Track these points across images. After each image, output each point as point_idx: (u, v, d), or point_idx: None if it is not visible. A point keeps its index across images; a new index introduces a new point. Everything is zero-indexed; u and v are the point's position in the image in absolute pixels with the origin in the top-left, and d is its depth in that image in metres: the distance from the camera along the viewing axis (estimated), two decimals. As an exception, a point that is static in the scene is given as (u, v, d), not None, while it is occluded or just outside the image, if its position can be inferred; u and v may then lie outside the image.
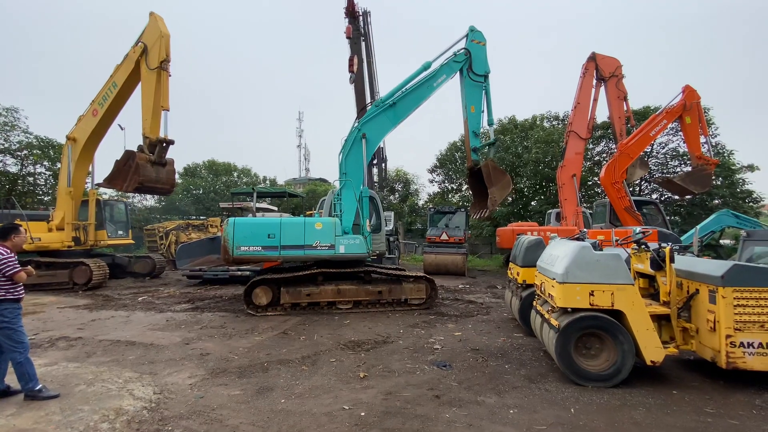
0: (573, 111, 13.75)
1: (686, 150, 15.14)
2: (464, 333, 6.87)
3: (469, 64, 9.06)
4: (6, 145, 20.07)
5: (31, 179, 21.43)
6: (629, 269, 5.14)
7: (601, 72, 13.56)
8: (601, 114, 15.67)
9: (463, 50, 9.11)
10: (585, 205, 16.48)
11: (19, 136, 20.44)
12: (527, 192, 22.67)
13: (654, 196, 19.37)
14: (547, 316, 5.02)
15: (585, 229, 7.47)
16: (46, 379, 4.52)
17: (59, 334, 6.86)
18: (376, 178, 15.61)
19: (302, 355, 5.68)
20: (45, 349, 5.97)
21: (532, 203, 22.27)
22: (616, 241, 6.11)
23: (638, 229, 5.70)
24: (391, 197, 29.27)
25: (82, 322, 7.81)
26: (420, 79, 8.94)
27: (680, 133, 16.17)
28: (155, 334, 6.88)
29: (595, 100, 13.71)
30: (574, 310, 4.57)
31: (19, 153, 20.51)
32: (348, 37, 14.90)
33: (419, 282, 8.74)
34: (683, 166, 19.30)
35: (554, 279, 4.77)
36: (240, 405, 4.10)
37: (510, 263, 7.75)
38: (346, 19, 15.07)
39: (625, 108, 13.76)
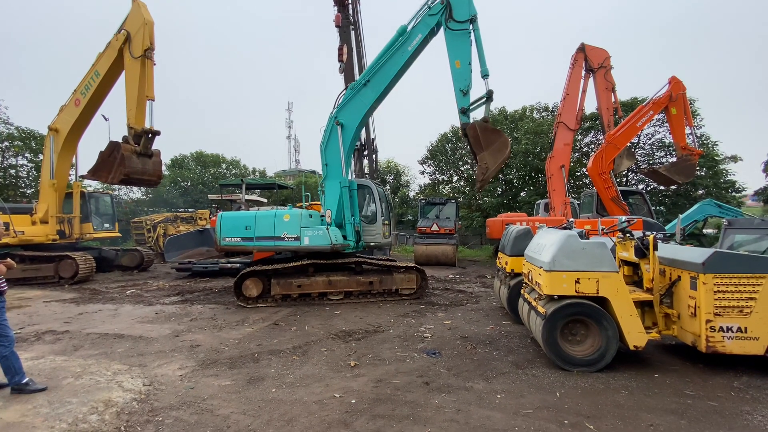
0: (562, 102, 13.83)
1: (672, 141, 15.36)
2: (454, 321, 6.96)
3: (449, 13, 7.73)
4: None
5: (12, 171, 20.89)
6: (614, 257, 5.25)
7: (590, 63, 13.63)
8: (590, 105, 15.77)
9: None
10: (573, 195, 16.69)
11: (-2, 127, 19.88)
12: (517, 183, 22.86)
13: (640, 187, 19.65)
14: (534, 303, 5.12)
15: (572, 219, 7.56)
16: (32, 372, 4.47)
17: (46, 327, 6.77)
18: (367, 170, 15.49)
19: (293, 345, 5.70)
20: (31, 343, 5.89)
21: (522, 194, 22.46)
22: (603, 230, 6.21)
23: (624, 218, 5.80)
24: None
25: (68, 315, 7.72)
26: (395, 47, 8.03)
27: (666, 124, 16.41)
28: (144, 326, 6.83)
29: (584, 91, 13.79)
30: (561, 298, 4.66)
31: (-1, 144, 19.96)
32: (337, 26, 14.65)
33: (410, 272, 8.79)
34: (669, 156, 19.60)
35: (541, 267, 4.84)
36: (231, 395, 4.11)
37: (499, 253, 7.84)
38: (335, 8, 14.82)
39: (612, 99, 13.89)
